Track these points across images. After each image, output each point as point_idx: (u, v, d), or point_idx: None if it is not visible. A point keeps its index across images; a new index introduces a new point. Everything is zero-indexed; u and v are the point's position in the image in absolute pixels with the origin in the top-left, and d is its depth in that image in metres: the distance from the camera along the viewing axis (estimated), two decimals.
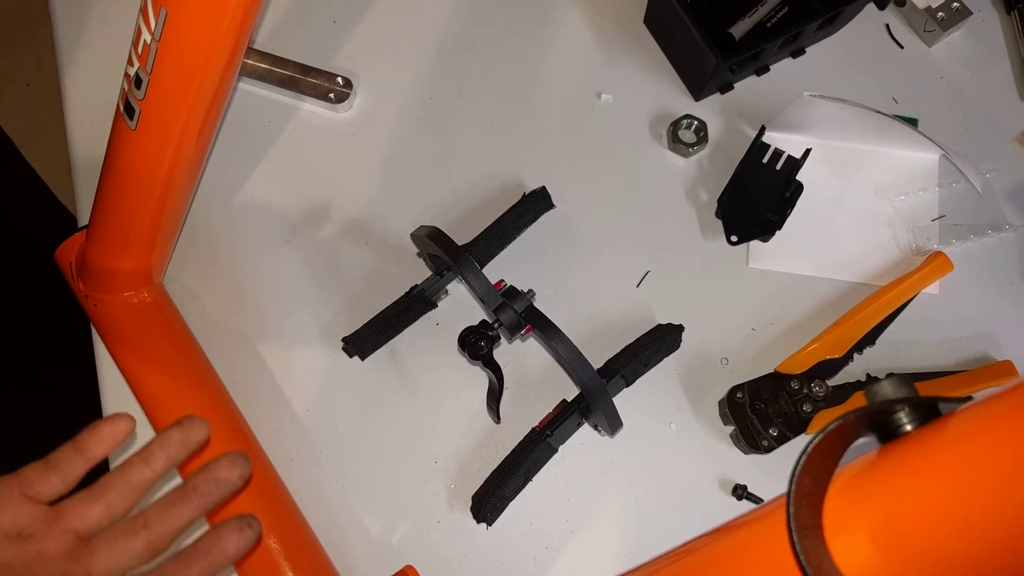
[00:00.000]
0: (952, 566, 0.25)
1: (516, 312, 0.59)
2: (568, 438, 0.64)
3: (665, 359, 0.66)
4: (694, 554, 0.34)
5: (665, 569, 0.36)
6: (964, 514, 0.24)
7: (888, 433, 0.28)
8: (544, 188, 0.69)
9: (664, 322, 0.66)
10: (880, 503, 0.27)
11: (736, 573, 0.31)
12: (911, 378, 0.32)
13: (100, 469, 0.44)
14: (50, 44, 0.76)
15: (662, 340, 0.65)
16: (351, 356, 0.66)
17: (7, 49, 1.75)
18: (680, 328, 0.66)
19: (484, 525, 0.62)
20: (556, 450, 0.63)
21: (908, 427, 0.27)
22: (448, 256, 0.60)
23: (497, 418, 0.63)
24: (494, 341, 0.60)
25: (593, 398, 0.58)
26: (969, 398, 0.26)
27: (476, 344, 0.59)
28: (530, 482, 0.63)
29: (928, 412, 0.27)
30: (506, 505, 0.62)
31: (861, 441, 0.30)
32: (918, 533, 0.25)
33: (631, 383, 0.65)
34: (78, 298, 0.65)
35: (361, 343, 0.65)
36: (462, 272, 0.59)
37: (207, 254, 0.70)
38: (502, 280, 0.60)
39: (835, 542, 0.27)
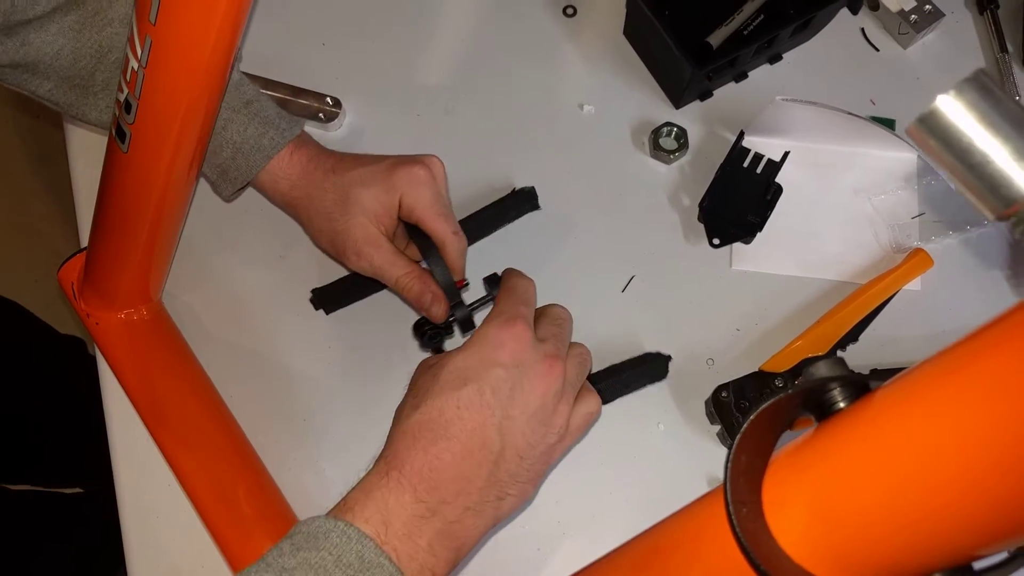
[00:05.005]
0: (881, 532, 0.26)
1: (470, 310, 0.61)
2: None
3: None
4: (652, 536, 0.35)
5: (629, 552, 0.37)
6: (888, 481, 0.26)
7: (824, 411, 0.29)
8: (533, 188, 0.71)
9: (652, 336, 0.67)
10: (815, 476, 0.28)
11: (688, 550, 0.33)
12: (894, 373, 0.33)
13: None
14: None
15: (647, 366, 0.66)
16: (317, 309, 0.69)
17: None
18: (667, 358, 0.66)
19: None
20: None
21: (842, 404, 0.29)
22: (419, 246, 0.61)
23: None
24: (446, 332, 0.63)
25: None
26: (896, 371, 0.27)
27: (429, 333, 0.62)
28: None
29: (859, 389, 0.28)
30: None
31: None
32: (848, 501, 0.27)
33: (608, 401, 0.65)
34: (80, 317, 0.68)
35: (328, 298, 0.69)
36: (429, 262, 0.61)
37: (203, 271, 0.72)
38: (465, 280, 0.63)
39: (774, 514, 0.28)
